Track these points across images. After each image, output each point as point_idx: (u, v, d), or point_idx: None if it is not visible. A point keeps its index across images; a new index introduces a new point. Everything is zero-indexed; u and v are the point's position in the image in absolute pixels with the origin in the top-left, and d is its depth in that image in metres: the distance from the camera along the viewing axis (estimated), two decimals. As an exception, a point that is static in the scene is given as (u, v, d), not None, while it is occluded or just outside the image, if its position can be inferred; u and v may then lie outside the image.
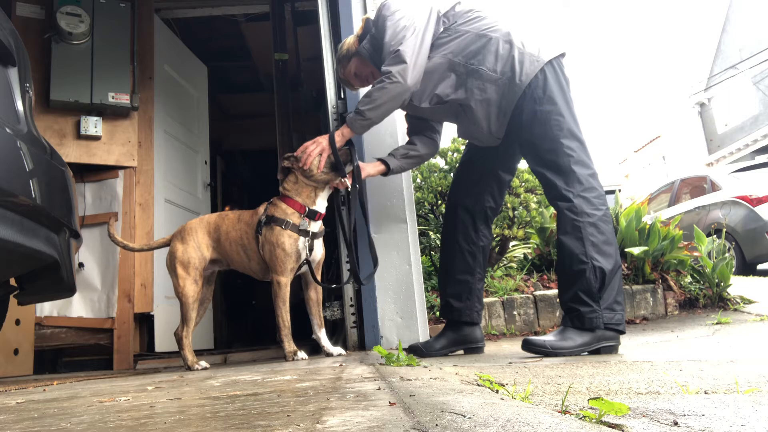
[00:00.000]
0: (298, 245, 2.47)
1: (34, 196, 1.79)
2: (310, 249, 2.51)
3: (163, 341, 3.77)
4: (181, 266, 2.60)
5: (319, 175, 2.48)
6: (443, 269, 2.65)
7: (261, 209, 2.60)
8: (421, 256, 3.34)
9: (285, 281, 2.48)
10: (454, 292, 2.57)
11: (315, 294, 2.64)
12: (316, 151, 2.43)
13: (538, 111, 2.25)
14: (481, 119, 2.38)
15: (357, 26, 3.14)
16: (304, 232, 2.48)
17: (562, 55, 2.37)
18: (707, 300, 3.84)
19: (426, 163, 4.27)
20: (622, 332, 2.19)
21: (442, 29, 2.40)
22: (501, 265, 4.17)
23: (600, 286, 2.13)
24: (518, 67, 2.27)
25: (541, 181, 2.35)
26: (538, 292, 3.67)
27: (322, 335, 2.62)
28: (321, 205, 2.55)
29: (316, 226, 2.55)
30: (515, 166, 2.64)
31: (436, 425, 0.75)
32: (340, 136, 2.43)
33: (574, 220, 2.18)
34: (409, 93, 2.33)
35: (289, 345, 2.50)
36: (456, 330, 2.57)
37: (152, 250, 2.76)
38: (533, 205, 3.84)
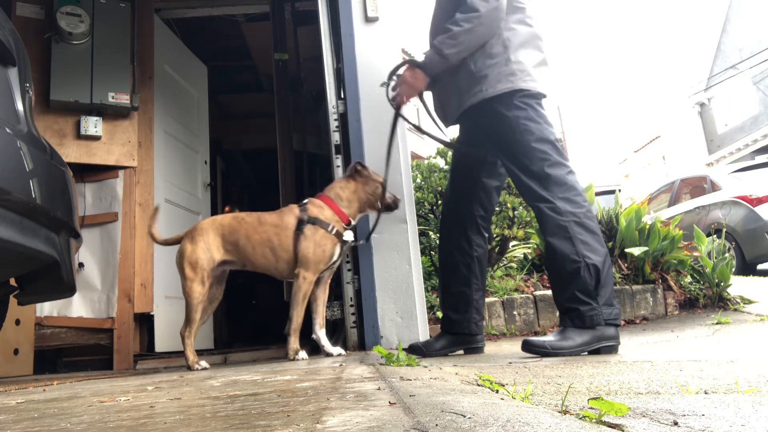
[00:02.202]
0: (335, 250, 2.59)
1: (34, 196, 1.79)
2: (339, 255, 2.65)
3: (163, 341, 3.77)
4: (189, 267, 2.59)
5: (374, 203, 2.69)
6: (441, 282, 2.65)
7: (295, 209, 2.64)
8: (421, 256, 3.34)
9: (311, 279, 2.57)
10: (452, 304, 2.56)
11: (323, 294, 2.71)
12: (410, 93, 2.46)
13: (507, 116, 2.25)
14: (444, 96, 2.44)
15: (357, 26, 3.14)
16: (342, 240, 2.62)
17: (543, 95, 2.33)
18: (707, 300, 3.84)
19: (426, 162, 4.28)
20: (619, 325, 2.19)
21: None
22: (501, 265, 4.17)
23: (596, 283, 2.12)
24: (493, 77, 2.26)
25: (518, 186, 2.32)
26: (538, 292, 3.67)
27: (322, 335, 2.64)
28: (355, 221, 2.74)
29: (350, 236, 2.67)
30: (498, 170, 2.55)
31: (436, 425, 0.75)
32: (414, 78, 2.41)
33: (558, 221, 2.16)
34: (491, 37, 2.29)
35: (295, 342, 2.55)
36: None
37: (168, 245, 2.77)
38: (533, 205, 3.84)
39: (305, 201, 2.68)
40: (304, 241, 2.54)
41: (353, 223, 2.69)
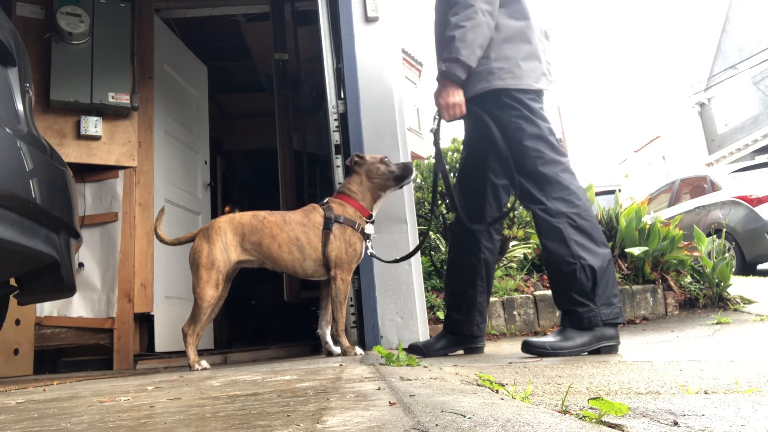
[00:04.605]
0: (362, 247, 2.64)
1: (34, 196, 1.79)
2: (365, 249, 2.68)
3: (163, 341, 3.77)
4: (204, 268, 2.50)
5: (385, 181, 2.65)
6: (446, 282, 2.64)
7: (319, 208, 2.64)
8: (421, 256, 3.34)
9: (348, 279, 2.61)
10: (455, 305, 2.54)
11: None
12: (453, 112, 2.32)
13: (498, 116, 2.24)
14: None
15: (357, 26, 3.15)
16: (366, 235, 2.65)
17: (535, 90, 2.29)
18: (707, 300, 3.84)
19: (426, 162, 4.28)
20: (620, 323, 2.18)
21: None
22: (501, 265, 4.17)
23: (593, 284, 2.10)
24: (473, 78, 2.25)
25: (512, 186, 2.30)
26: (538, 292, 3.67)
27: (327, 332, 2.68)
28: (375, 210, 2.73)
29: (372, 229, 2.69)
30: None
31: (436, 425, 0.75)
32: (447, 97, 2.28)
33: (552, 222, 2.15)
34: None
35: (346, 341, 2.59)
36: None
37: (181, 244, 2.72)
38: (533, 205, 3.83)
39: (325, 200, 2.70)
40: (335, 241, 2.56)
41: (373, 216, 2.70)
